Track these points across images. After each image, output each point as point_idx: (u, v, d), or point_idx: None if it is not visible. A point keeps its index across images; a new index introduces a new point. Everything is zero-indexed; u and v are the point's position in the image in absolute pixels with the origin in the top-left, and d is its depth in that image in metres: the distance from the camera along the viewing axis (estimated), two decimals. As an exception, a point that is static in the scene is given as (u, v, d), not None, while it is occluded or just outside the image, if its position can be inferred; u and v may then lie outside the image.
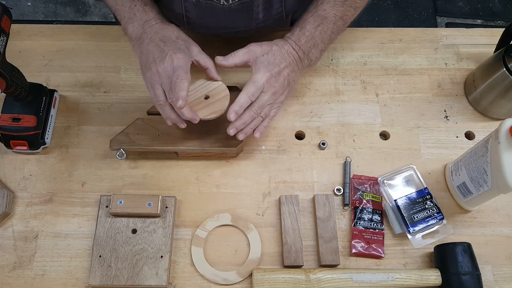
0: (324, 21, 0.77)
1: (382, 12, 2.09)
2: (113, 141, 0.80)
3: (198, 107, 0.76)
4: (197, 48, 0.75)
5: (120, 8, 0.75)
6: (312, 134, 0.88)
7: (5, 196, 0.77)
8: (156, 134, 0.80)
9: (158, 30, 0.73)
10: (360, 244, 0.78)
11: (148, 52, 0.71)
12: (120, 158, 0.79)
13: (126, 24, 0.75)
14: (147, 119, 0.82)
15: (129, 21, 0.74)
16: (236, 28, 0.83)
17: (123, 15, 0.75)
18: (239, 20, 0.81)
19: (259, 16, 0.80)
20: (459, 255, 0.73)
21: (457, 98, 0.93)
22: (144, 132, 0.80)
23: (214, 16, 0.80)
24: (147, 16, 0.74)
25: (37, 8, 2.06)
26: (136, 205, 0.75)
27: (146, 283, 0.73)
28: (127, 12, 0.74)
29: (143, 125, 0.81)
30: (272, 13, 0.81)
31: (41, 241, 0.77)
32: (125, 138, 0.80)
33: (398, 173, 0.84)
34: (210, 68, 0.75)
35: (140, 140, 0.80)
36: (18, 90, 0.77)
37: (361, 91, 0.92)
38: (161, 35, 0.72)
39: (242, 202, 0.82)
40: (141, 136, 0.80)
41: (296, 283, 0.71)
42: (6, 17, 0.69)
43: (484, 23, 2.06)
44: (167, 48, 0.70)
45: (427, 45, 0.98)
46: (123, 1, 0.74)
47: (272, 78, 0.74)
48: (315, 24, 0.77)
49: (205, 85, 0.78)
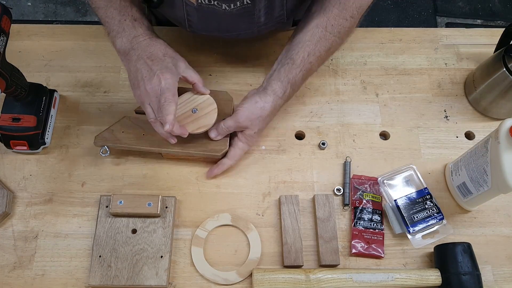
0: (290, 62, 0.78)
1: (382, 12, 2.09)
2: (98, 137, 0.79)
3: (186, 121, 0.77)
4: (184, 64, 0.76)
5: (109, 21, 0.74)
6: (312, 134, 0.88)
7: (5, 196, 0.77)
8: (141, 133, 0.80)
9: (146, 47, 0.73)
10: (360, 244, 0.78)
11: (136, 70, 0.72)
12: (103, 155, 0.79)
13: (114, 37, 0.74)
14: (133, 118, 0.82)
15: (117, 35, 0.74)
16: (238, 31, 0.83)
17: (112, 28, 0.74)
18: (241, 24, 0.81)
19: (261, 20, 0.80)
20: (459, 255, 0.73)
21: (457, 98, 0.93)
22: (130, 131, 0.80)
23: (216, 20, 0.80)
24: (136, 32, 0.74)
25: (37, 8, 2.06)
26: (136, 205, 0.75)
27: (146, 283, 0.73)
28: (116, 25, 0.74)
29: (129, 124, 0.81)
30: (274, 16, 0.81)
31: (41, 241, 0.77)
32: (110, 135, 0.80)
33: (398, 173, 0.84)
34: (197, 83, 0.77)
35: (125, 138, 0.79)
36: (18, 90, 0.77)
37: (361, 91, 0.92)
38: (148, 53, 0.72)
39: (242, 202, 0.82)
40: (126, 135, 0.80)
41: (296, 283, 0.71)
42: (6, 17, 0.69)
43: (484, 23, 2.06)
44: (154, 67, 0.71)
45: (427, 45, 0.98)
46: (112, 14, 0.74)
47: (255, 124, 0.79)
48: (286, 69, 0.78)
49: (193, 98, 0.79)
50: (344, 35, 0.78)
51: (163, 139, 0.77)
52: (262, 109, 0.77)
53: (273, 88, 0.78)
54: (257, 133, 0.80)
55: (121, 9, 0.74)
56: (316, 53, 0.77)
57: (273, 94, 0.78)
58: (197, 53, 0.94)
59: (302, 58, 0.77)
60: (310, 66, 0.78)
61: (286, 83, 0.78)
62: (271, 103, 0.78)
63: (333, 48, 0.79)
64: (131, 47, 0.73)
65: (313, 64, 0.78)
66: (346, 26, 0.76)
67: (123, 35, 0.73)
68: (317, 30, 0.76)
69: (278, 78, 0.78)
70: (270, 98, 0.78)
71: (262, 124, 0.80)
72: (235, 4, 0.74)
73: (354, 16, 0.75)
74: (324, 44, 0.77)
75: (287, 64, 0.77)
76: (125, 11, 0.74)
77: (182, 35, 0.96)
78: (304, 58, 0.77)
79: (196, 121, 0.77)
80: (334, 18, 0.75)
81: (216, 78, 0.92)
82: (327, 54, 0.79)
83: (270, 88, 0.78)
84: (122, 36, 0.73)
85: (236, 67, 0.94)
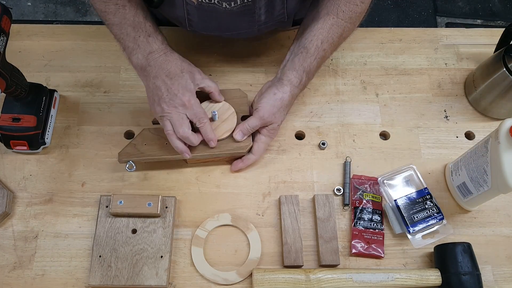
0: (304, 51, 0.78)
1: (382, 12, 2.09)
2: (121, 153, 0.79)
3: None
4: (200, 75, 0.77)
5: (124, 38, 0.75)
6: (312, 134, 0.88)
7: (5, 196, 0.77)
8: (164, 143, 0.80)
9: (163, 63, 0.74)
10: (360, 244, 0.78)
11: (155, 87, 0.74)
12: (130, 170, 0.78)
13: (130, 54, 0.75)
14: (153, 129, 0.81)
15: (132, 52, 0.75)
16: (238, 30, 0.83)
17: (127, 44, 0.75)
18: (242, 22, 0.81)
19: (261, 19, 0.81)
20: (459, 255, 0.73)
21: (457, 98, 0.93)
22: (152, 142, 0.80)
23: (216, 19, 0.80)
24: (151, 48, 0.74)
25: (37, 8, 2.06)
26: (136, 205, 0.75)
27: (146, 283, 0.73)
28: (131, 42, 0.74)
29: (150, 135, 0.81)
30: (274, 15, 0.81)
31: (41, 241, 0.77)
32: (133, 149, 0.79)
33: (398, 173, 0.84)
34: (214, 92, 0.79)
35: (148, 150, 0.79)
36: (18, 90, 0.77)
37: (361, 91, 0.92)
38: (166, 71, 0.74)
39: (242, 202, 0.82)
40: (149, 147, 0.79)
41: (296, 283, 0.71)
42: (6, 17, 0.69)
43: (484, 23, 2.06)
44: (174, 87, 0.73)
45: (427, 45, 0.98)
46: (127, 31, 0.74)
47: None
48: (300, 58, 0.79)
49: (210, 107, 0.81)
50: (356, 20, 0.78)
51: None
52: (281, 100, 0.78)
53: (289, 78, 0.78)
54: (279, 125, 0.81)
55: (135, 26, 0.74)
56: (329, 40, 0.77)
57: (289, 83, 0.78)
58: (197, 53, 0.94)
59: (316, 46, 0.77)
60: (324, 53, 0.78)
61: (301, 72, 0.78)
62: (289, 92, 0.78)
63: (345, 34, 0.79)
64: (147, 64, 0.74)
65: (327, 52, 0.79)
66: (357, 12, 0.77)
67: (138, 52, 0.74)
68: (328, 17, 0.76)
69: (292, 67, 0.78)
70: (287, 88, 0.78)
71: (283, 115, 0.80)
72: (235, 2, 0.74)
73: (365, 1, 0.76)
74: (337, 31, 0.77)
75: (300, 54, 0.78)
76: (139, 27, 0.74)
77: (182, 35, 0.96)
78: (318, 46, 0.77)
79: (218, 128, 0.79)
80: (344, 4, 0.75)
81: (216, 78, 0.92)
82: (339, 40, 0.79)
83: (285, 78, 0.78)
84: (138, 52, 0.74)
85: (236, 67, 0.94)
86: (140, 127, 0.86)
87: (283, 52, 0.82)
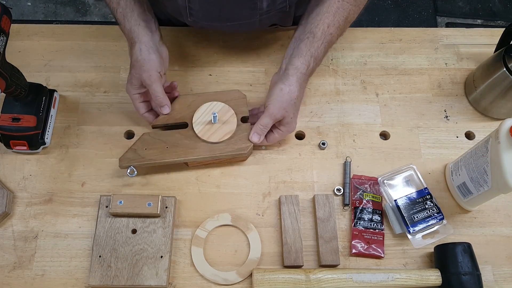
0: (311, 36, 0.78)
1: (382, 12, 2.09)
2: (122, 159, 0.78)
3: (209, 133, 0.79)
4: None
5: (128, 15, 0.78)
6: (312, 134, 0.88)
7: (5, 196, 0.77)
8: (164, 147, 0.80)
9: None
10: (360, 244, 0.78)
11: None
12: (131, 176, 0.78)
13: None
14: (153, 133, 0.81)
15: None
16: (240, 19, 0.83)
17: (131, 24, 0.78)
18: (243, 10, 0.80)
19: (263, 6, 0.79)
20: (459, 255, 0.73)
21: (457, 98, 0.93)
22: (153, 147, 0.80)
23: (217, 7, 0.79)
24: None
25: (37, 8, 2.06)
26: (136, 205, 0.75)
27: (146, 283, 0.73)
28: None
29: (150, 140, 0.80)
30: (276, 2, 0.80)
31: (41, 241, 0.77)
32: (134, 154, 0.79)
33: (398, 173, 0.84)
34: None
35: (149, 155, 0.79)
36: (18, 90, 0.77)
37: (361, 91, 0.92)
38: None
39: (242, 202, 0.81)
40: (150, 151, 0.79)
41: (296, 283, 0.71)
42: (6, 17, 0.69)
43: (484, 23, 2.06)
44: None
45: (427, 45, 0.98)
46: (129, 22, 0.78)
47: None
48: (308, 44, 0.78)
49: (210, 109, 0.82)
50: (361, 3, 0.78)
51: (187, 149, 0.79)
52: (289, 93, 0.77)
53: (295, 66, 0.77)
54: (293, 117, 0.80)
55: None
56: (335, 24, 0.77)
57: (296, 72, 0.77)
58: (197, 53, 0.94)
59: (323, 31, 0.76)
60: (330, 37, 0.78)
61: (308, 57, 0.77)
62: (296, 82, 0.77)
63: (350, 17, 0.79)
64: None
65: (333, 36, 0.78)
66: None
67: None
68: (333, 1, 0.76)
69: (299, 54, 0.77)
70: (293, 79, 0.77)
71: (296, 107, 0.79)
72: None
73: None
74: (342, 14, 0.77)
75: (307, 39, 0.77)
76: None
77: (182, 35, 0.96)
78: (325, 30, 0.76)
79: (219, 130, 0.80)
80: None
81: (216, 78, 0.92)
82: (345, 24, 0.79)
83: (291, 67, 0.77)
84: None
85: (236, 67, 0.94)
86: (140, 127, 0.86)
87: (283, 52, 0.82)
